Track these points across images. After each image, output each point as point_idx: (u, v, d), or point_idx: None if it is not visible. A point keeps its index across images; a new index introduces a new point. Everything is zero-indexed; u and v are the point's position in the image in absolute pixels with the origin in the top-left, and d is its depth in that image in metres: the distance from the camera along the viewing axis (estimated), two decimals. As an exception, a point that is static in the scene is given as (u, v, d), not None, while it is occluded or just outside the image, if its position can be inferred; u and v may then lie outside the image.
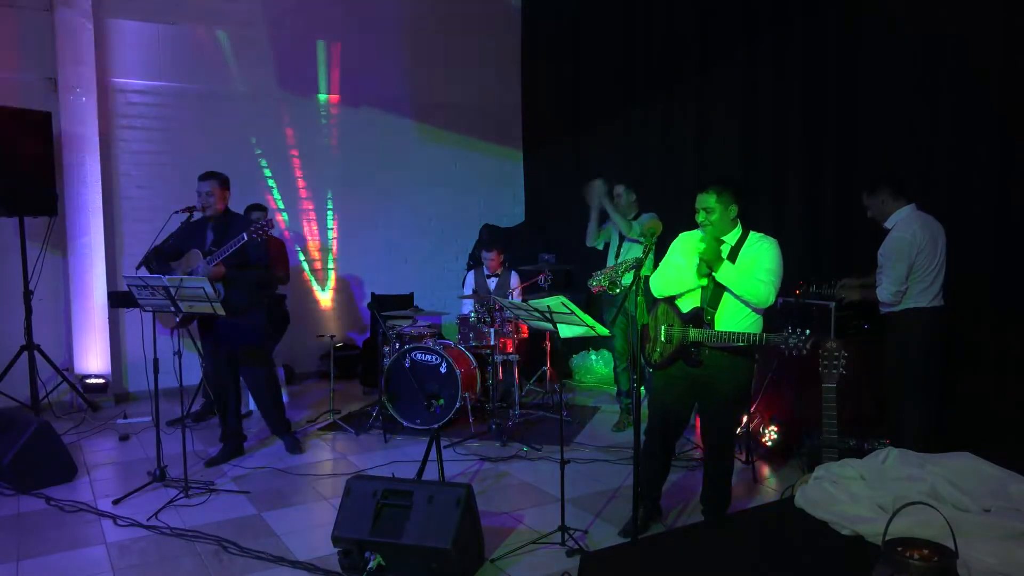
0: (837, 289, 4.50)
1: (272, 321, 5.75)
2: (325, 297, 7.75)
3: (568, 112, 7.91)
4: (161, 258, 4.79)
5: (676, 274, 3.55)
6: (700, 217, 3.48)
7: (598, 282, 4.58)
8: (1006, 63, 4.17)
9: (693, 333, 3.44)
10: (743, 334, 3.35)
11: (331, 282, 7.77)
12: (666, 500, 3.98)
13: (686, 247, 3.60)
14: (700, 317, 3.46)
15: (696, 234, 3.58)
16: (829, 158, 5.21)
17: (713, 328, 3.42)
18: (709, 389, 3.56)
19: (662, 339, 3.57)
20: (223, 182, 4.81)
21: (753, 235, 3.51)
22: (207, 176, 4.79)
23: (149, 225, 6.37)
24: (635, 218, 5.45)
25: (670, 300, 3.62)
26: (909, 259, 3.95)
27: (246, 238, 4.40)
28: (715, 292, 3.45)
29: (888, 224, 4.10)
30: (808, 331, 3.21)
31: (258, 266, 4.73)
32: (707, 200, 3.44)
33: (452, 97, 8.22)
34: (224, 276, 4.55)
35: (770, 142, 5.66)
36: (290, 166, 7.46)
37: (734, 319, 3.45)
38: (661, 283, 3.62)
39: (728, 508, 3.73)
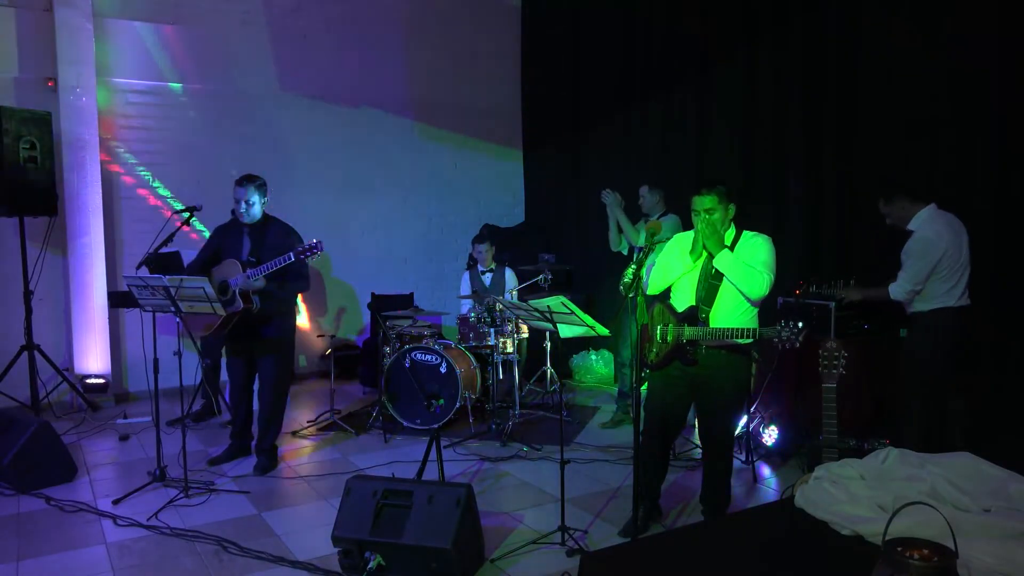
0: (845, 290, 4.48)
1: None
2: (325, 297, 7.75)
3: (568, 112, 7.91)
4: (201, 269, 4.63)
5: (666, 262, 3.60)
6: (700, 219, 3.51)
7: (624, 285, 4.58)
8: (1004, 62, 4.17)
9: (688, 331, 3.45)
10: (737, 329, 3.36)
11: (331, 282, 7.77)
12: (666, 500, 3.99)
13: (681, 248, 3.63)
14: (695, 315, 3.48)
15: (691, 235, 3.61)
16: (829, 158, 5.21)
17: (708, 326, 3.43)
18: (707, 388, 3.56)
19: (658, 339, 3.58)
20: (260, 187, 4.60)
21: (747, 233, 3.55)
22: (245, 182, 4.54)
23: (149, 225, 6.38)
24: (661, 216, 5.49)
25: (665, 300, 3.63)
26: (932, 259, 3.91)
27: (292, 258, 4.28)
28: (710, 289, 3.47)
29: (911, 226, 4.05)
30: (800, 323, 3.22)
31: (297, 283, 4.62)
32: (707, 201, 3.48)
33: (452, 97, 8.22)
34: (262, 290, 4.46)
35: (770, 142, 5.66)
36: (290, 166, 7.46)
37: (729, 316, 3.46)
38: (654, 278, 3.66)
39: (728, 508, 3.73)
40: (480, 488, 4.29)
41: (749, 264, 3.41)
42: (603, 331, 3.47)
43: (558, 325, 3.53)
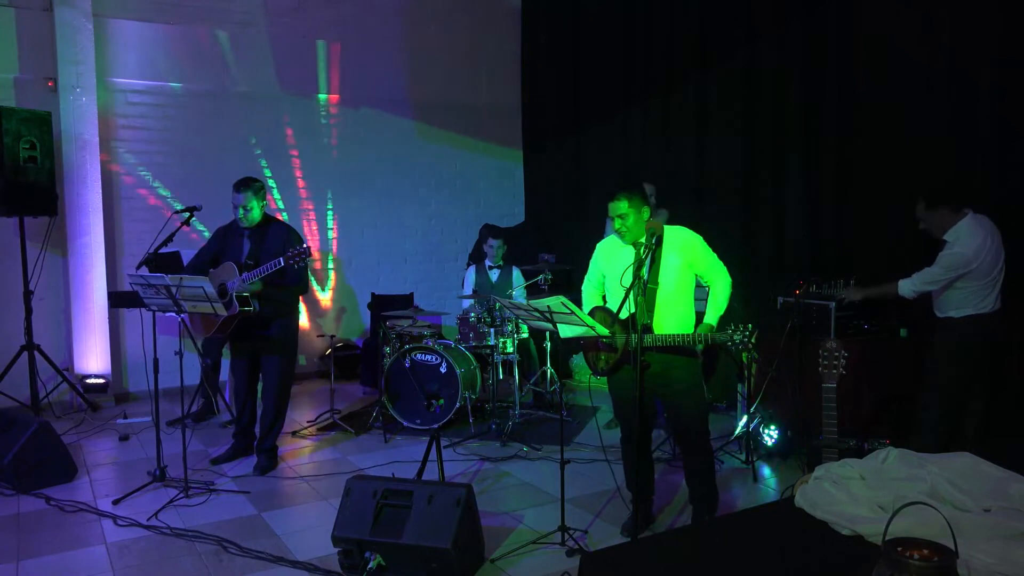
0: (845, 290, 4.48)
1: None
2: (325, 297, 7.75)
3: (568, 112, 7.91)
4: (197, 270, 4.66)
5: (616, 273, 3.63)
6: (616, 224, 3.53)
7: None
8: (1004, 61, 4.17)
9: (636, 339, 3.42)
10: (690, 336, 3.39)
11: (331, 282, 7.77)
12: (662, 500, 3.98)
13: (609, 256, 3.68)
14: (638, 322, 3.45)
15: (612, 239, 3.68)
16: (829, 158, 5.21)
17: (652, 332, 3.43)
18: (664, 391, 3.59)
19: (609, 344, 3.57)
20: (258, 191, 4.60)
21: (669, 229, 3.58)
22: (242, 187, 4.55)
23: (149, 225, 6.39)
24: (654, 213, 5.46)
25: (606, 308, 3.64)
26: (959, 273, 3.89)
27: (283, 263, 4.29)
28: (649, 294, 3.47)
29: (947, 236, 3.95)
30: (752, 325, 3.24)
31: (295, 286, 4.64)
32: (619, 207, 3.49)
33: (452, 97, 8.21)
34: (260, 294, 4.48)
35: (770, 141, 5.66)
36: (290, 166, 7.46)
37: (670, 321, 3.48)
38: (591, 295, 3.76)
39: (717, 501, 3.73)
40: (480, 488, 4.29)
41: (719, 302, 3.50)
42: (603, 331, 3.46)
43: (558, 325, 3.53)
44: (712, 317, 3.47)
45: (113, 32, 6.61)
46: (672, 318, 3.49)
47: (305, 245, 4.36)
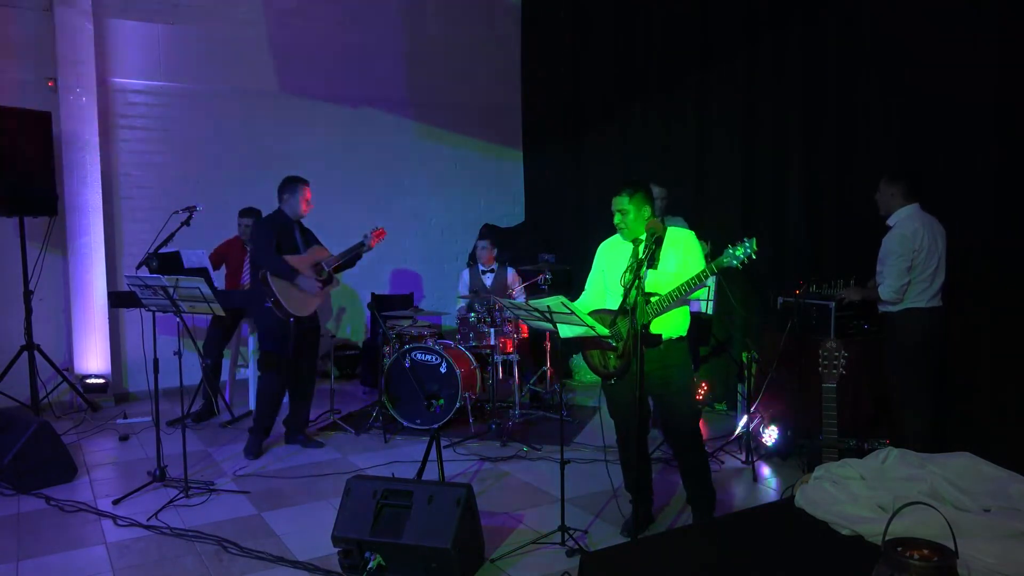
0: (845, 290, 4.50)
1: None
2: (326, 297, 7.75)
3: (568, 111, 7.90)
4: (280, 252, 5.07)
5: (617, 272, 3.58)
6: (616, 219, 3.52)
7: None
8: (1005, 61, 4.17)
9: (651, 306, 3.35)
10: (692, 278, 3.25)
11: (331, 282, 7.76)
12: (662, 500, 3.98)
13: (610, 255, 3.66)
14: (633, 313, 3.37)
15: (617, 239, 3.66)
16: (829, 158, 5.21)
17: (649, 331, 3.35)
18: (663, 390, 3.55)
19: (612, 342, 3.53)
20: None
21: (671, 229, 3.55)
22: (307, 184, 5.32)
23: (149, 225, 6.38)
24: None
25: (604, 307, 3.63)
26: (908, 256, 3.98)
27: (366, 243, 5.22)
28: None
29: (890, 221, 4.14)
30: (753, 238, 3.13)
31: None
32: (621, 202, 3.49)
33: (452, 97, 8.21)
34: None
35: (770, 141, 5.66)
36: (290, 166, 7.44)
37: (665, 319, 3.47)
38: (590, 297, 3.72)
39: (715, 500, 3.72)
40: (480, 488, 4.29)
41: (684, 279, 3.36)
42: (603, 331, 3.46)
43: (558, 325, 3.52)
44: (654, 309, 3.33)
45: (113, 32, 6.61)
46: (667, 316, 3.47)
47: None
